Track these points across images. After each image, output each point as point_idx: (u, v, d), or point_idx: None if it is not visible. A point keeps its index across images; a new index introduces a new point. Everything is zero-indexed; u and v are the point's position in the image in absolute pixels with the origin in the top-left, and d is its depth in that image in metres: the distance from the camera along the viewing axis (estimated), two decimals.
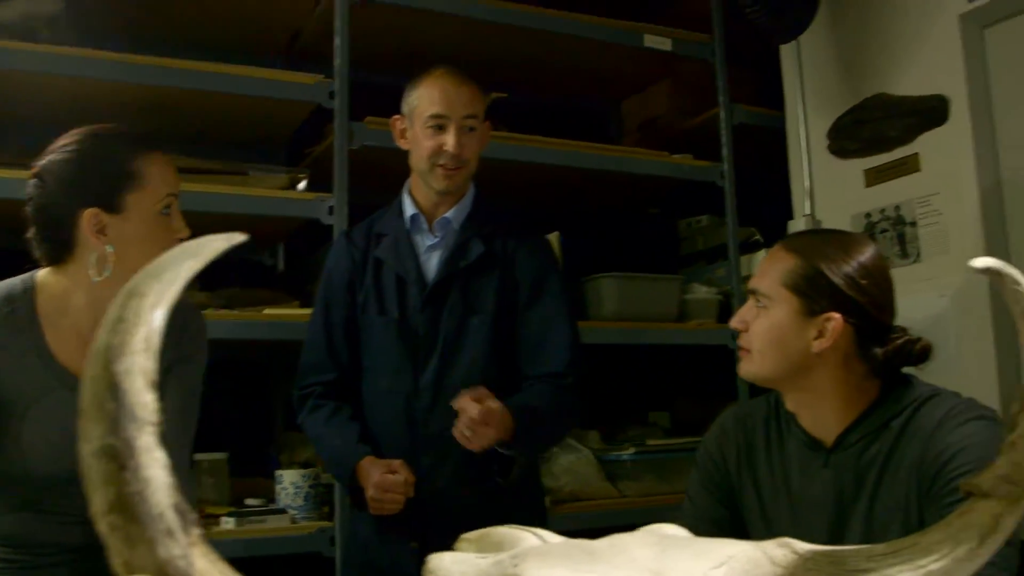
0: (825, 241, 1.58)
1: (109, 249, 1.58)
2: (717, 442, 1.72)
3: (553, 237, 2.96)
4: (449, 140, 2.10)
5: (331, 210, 2.59)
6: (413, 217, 2.20)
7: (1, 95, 1.70)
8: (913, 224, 2.71)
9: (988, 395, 2.39)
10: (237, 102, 2.69)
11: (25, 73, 2.42)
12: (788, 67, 3.16)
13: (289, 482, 2.55)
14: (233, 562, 0.67)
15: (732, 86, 3.31)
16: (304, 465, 2.73)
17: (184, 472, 1.75)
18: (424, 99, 2.14)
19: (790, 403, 1.62)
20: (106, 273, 1.58)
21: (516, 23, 3.00)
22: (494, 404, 1.88)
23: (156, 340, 0.61)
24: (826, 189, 3.01)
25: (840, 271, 1.52)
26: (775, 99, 3.26)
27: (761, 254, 3.16)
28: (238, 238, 0.67)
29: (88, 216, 1.57)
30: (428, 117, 2.12)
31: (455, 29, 3.00)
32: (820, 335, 1.51)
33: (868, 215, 2.85)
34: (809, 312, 1.52)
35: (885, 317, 1.55)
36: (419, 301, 2.13)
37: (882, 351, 1.53)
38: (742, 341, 1.61)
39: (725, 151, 3.24)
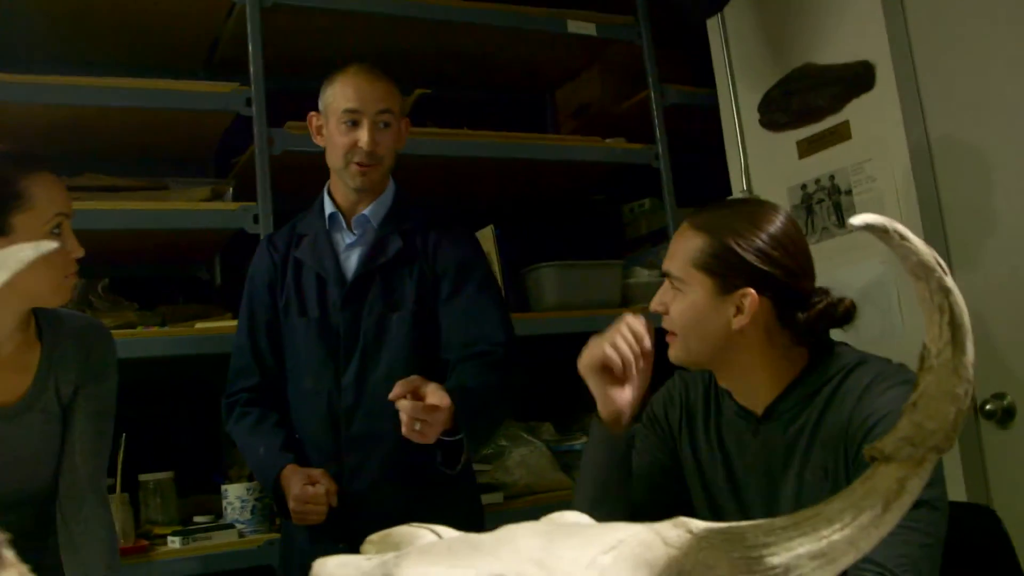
0: (732, 215, 1.54)
1: None
2: (662, 404, 1.72)
3: (488, 230, 2.93)
4: (363, 136, 2.10)
5: (256, 218, 2.54)
6: (332, 216, 2.18)
7: None
8: (848, 192, 2.70)
9: None
10: (155, 116, 2.64)
11: None
12: (715, 44, 3.14)
13: (235, 496, 2.51)
14: None
15: (663, 67, 3.29)
16: (251, 478, 2.69)
17: (100, 494, 1.72)
18: (338, 95, 2.13)
19: (722, 381, 1.60)
20: None
21: (432, 17, 2.96)
22: (433, 396, 1.81)
23: None
24: (761, 163, 2.99)
25: (750, 245, 1.49)
26: (708, 78, 3.24)
27: None
28: (47, 246, 0.63)
29: None
30: (342, 112, 2.11)
31: (371, 28, 2.96)
32: (738, 311, 1.49)
33: (804, 186, 2.83)
34: (723, 290, 1.50)
35: (802, 284, 1.53)
36: (339, 300, 2.11)
37: (804, 316, 1.50)
38: (666, 324, 1.58)
39: (658, 132, 3.21)
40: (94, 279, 2.85)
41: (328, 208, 2.19)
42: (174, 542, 2.34)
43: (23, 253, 0.61)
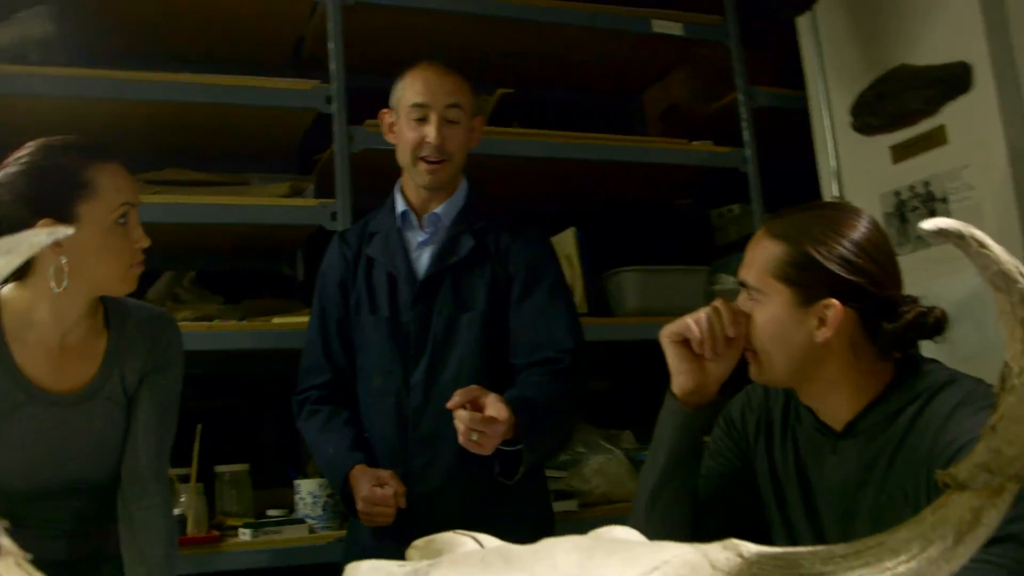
0: (812, 221, 1.46)
1: (63, 260, 1.57)
2: (740, 409, 1.65)
3: (569, 233, 2.89)
4: (430, 132, 2.07)
5: (334, 215, 2.56)
6: (403, 214, 2.17)
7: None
8: (944, 200, 2.58)
9: None
10: (238, 113, 2.67)
11: (21, 97, 2.42)
12: (806, 44, 3.04)
13: (307, 492, 2.51)
14: (252, 573, 0.64)
15: (752, 68, 3.21)
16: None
17: (161, 482, 1.73)
18: (407, 90, 2.12)
19: (804, 398, 1.51)
20: (64, 284, 1.56)
21: (515, 16, 2.94)
22: (492, 407, 1.78)
23: None
24: (853, 169, 2.88)
25: (831, 253, 1.40)
26: (799, 79, 3.15)
27: None
28: (62, 232, 0.62)
29: (41, 227, 1.55)
30: (410, 107, 2.10)
31: (454, 27, 2.95)
32: (821, 324, 1.41)
33: (897, 193, 2.72)
34: (805, 301, 1.41)
35: (889, 292, 1.44)
36: (409, 298, 2.09)
37: (892, 327, 1.42)
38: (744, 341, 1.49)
39: (747, 135, 3.13)
40: (181, 272, 2.90)
41: (400, 206, 2.18)
42: (245, 534, 2.36)
43: (37, 238, 0.60)
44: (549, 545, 0.78)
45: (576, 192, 3.40)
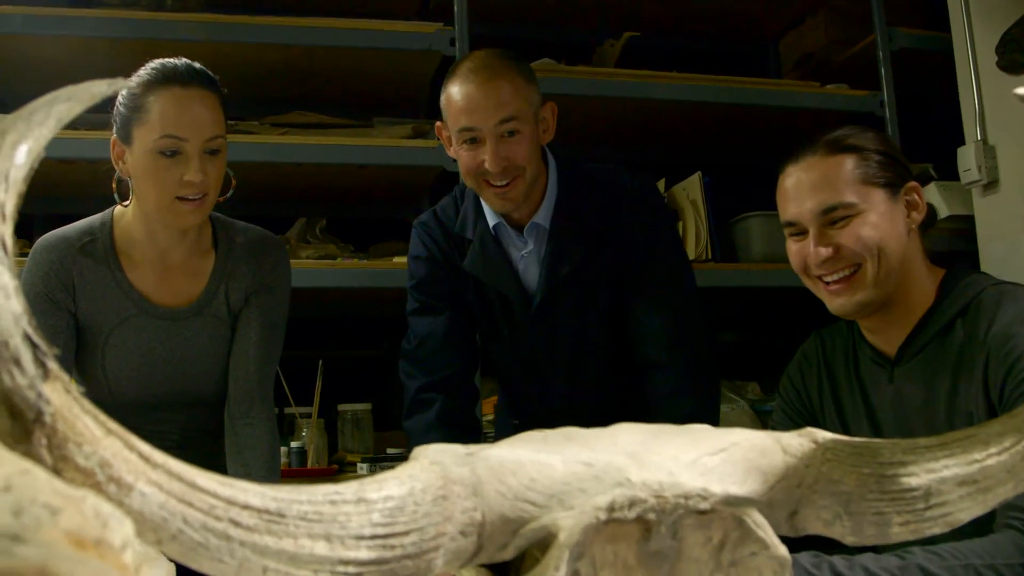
0: (848, 134, 1.50)
1: (121, 177, 1.67)
2: (798, 368, 1.65)
3: (695, 178, 2.84)
4: (487, 157, 1.79)
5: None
6: (497, 226, 1.95)
7: (133, 65, 1.76)
8: None
9: None
10: (364, 56, 2.71)
11: (159, 42, 2.50)
12: None
13: None
14: None
15: (893, 9, 3.05)
16: None
17: (267, 401, 1.78)
18: (451, 109, 1.84)
19: (869, 320, 1.50)
20: (119, 199, 1.69)
21: None
22: None
23: (17, 176, 0.56)
24: (998, 111, 2.72)
25: (888, 146, 1.49)
26: (942, 20, 2.99)
27: (932, 188, 2.88)
28: (121, 83, 0.63)
29: (112, 144, 1.65)
30: (458, 131, 1.83)
31: None
32: (910, 209, 1.47)
33: None
34: (894, 194, 1.46)
35: None
36: (527, 318, 1.95)
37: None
38: (835, 268, 1.44)
39: (884, 78, 2.99)
40: (314, 219, 2.98)
41: (491, 218, 1.95)
42: (362, 468, 2.42)
43: (95, 88, 0.61)
44: (617, 428, 0.77)
45: (704, 137, 3.32)
